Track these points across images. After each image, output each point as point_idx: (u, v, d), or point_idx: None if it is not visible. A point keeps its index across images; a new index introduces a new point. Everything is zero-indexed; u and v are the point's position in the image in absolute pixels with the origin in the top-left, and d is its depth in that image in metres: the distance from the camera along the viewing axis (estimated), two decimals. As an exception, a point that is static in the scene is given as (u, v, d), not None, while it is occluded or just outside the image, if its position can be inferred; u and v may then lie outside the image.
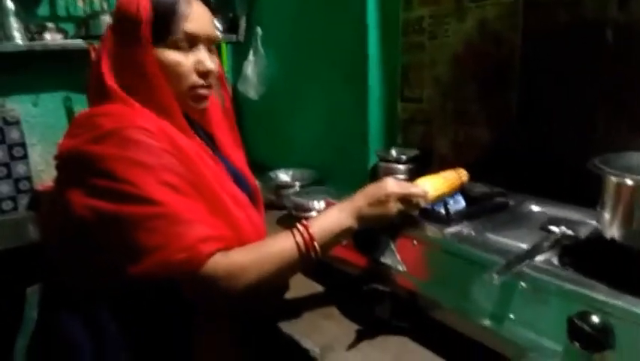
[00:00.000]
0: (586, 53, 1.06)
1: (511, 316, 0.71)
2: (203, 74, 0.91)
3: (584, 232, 0.83)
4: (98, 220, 0.78)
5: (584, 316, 0.62)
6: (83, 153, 0.80)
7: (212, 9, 0.94)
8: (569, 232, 0.83)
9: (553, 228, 0.85)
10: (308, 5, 1.76)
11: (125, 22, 0.87)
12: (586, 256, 0.75)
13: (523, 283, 0.71)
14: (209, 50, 0.93)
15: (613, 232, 0.71)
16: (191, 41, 0.89)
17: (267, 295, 0.94)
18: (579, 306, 0.64)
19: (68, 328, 0.83)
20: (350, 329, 0.91)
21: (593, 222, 0.83)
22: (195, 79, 0.90)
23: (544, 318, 0.68)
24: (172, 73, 0.88)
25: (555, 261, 0.76)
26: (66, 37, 1.88)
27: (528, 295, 0.71)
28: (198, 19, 0.89)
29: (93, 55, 1.75)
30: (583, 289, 0.66)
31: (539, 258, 0.76)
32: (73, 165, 0.83)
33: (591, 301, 0.65)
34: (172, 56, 0.88)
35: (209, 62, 0.91)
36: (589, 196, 0.79)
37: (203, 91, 0.92)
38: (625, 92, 1.01)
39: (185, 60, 0.89)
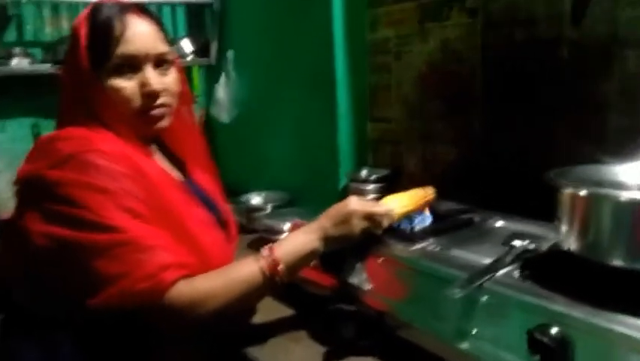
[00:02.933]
0: (543, 69, 1.09)
1: (474, 331, 0.71)
2: (149, 94, 0.86)
3: (545, 246, 0.84)
4: (57, 248, 0.76)
5: (544, 328, 0.63)
6: (41, 178, 0.79)
7: (156, 21, 0.90)
8: (531, 246, 0.84)
9: (516, 242, 0.86)
10: (277, 28, 1.78)
11: (70, 47, 0.87)
12: (546, 269, 0.76)
13: (484, 298, 0.71)
14: (161, 66, 0.89)
15: (570, 244, 0.72)
16: (132, 63, 0.85)
17: (233, 319, 0.92)
18: (539, 319, 0.65)
19: (28, 358, 0.81)
20: (318, 351, 0.89)
21: (554, 236, 0.85)
22: (141, 102, 0.86)
23: (505, 332, 0.68)
24: (117, 99, 0.85)
25: (516, 274, 0.76)
26: (34, 62, 1.86)
27: (489, 309, 0.71)
28: (135, 38, 0.85)
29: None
30: (542, 302, 0.67)
31: (501, 272, 0.76)
32: (31, 191, 0.82)
33: (550, 314, 0.65)
34: (114, 82, 0.84)
35: (155, 82, 0.86)
36: (553, 211, 0.80)
37: (154, 112, 0.88)
38: (582, 107, 1.04)
39: (128, 84, 0.85)
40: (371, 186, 1.45)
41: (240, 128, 2.04)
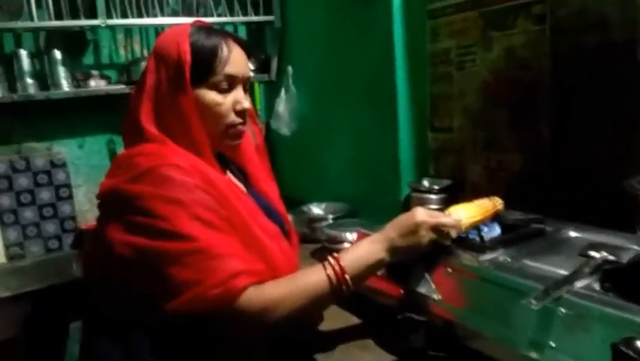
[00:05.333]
0: (616, 73, 1.05)
1: (552, 344, 0.69)
2: (241, 112, 0.94)
3: (625, 257, 0.80)
4: (136, 256, 0.81)
5: (630, 342, 0.60)
6: (121, 191, 0.84)
7: (248, 51, 0.98)
8: (610, 257, 0.81)
9: (593, 253, 0.83)
10: (336, 42, 1.81)
11: (165, 65, 0.91)
12: (628, 280, 0.72)
13: (563, 309, 0.69)
14: (244, 90, 0.97)
15: (655, 254, 0.68)
16: (231, 82, 0.93)
17: (302, 325, 0.94)
18: (623, 332, 0.62)
19: (112, 356, 0.85)
20: (387, 359, 0.89)
21: (634, 247, 0.81)
22: (234, 117, 0.94)
23: (586, 345, 0.66)
24: (211, 112, 0.92)
25: (596, 286, 0.73)
26: (109, 83, 1.99)
27: (569, 321, 0.68)
28: (237, 61, 0.93)
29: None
30: (627, 315, 0.64)
31: (579, 283, 0.73)
32: (113, 204, 0.87)
33: (636, 327, 0.62)
34: (212, 96, 0.91)
35: (246, 101, 0.95)
36: (628, 221, 0.77)
37: (240, 128, 0.96)
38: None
39: (224, 100, 0.92)
40: (433, 197, 1.43)
41: (300, 140, 2.07)
